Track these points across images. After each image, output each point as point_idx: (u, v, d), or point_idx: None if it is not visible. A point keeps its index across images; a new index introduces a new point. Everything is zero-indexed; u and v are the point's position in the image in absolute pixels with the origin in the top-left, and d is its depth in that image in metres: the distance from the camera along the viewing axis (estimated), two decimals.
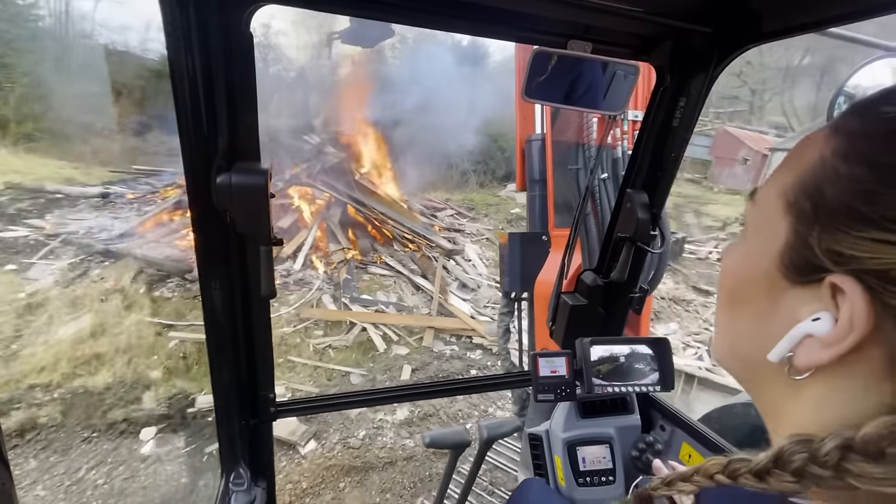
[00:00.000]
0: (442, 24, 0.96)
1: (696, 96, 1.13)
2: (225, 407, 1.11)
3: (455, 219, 9.90)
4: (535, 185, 2.58)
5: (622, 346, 1.35)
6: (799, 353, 0.35)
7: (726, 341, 0.44)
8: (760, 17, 0.95)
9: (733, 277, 0.43)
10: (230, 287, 0.99)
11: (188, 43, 0.75)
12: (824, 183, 0.33)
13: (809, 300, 0.35)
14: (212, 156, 0.85)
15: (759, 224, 0.40)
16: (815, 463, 0.31)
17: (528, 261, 2.58)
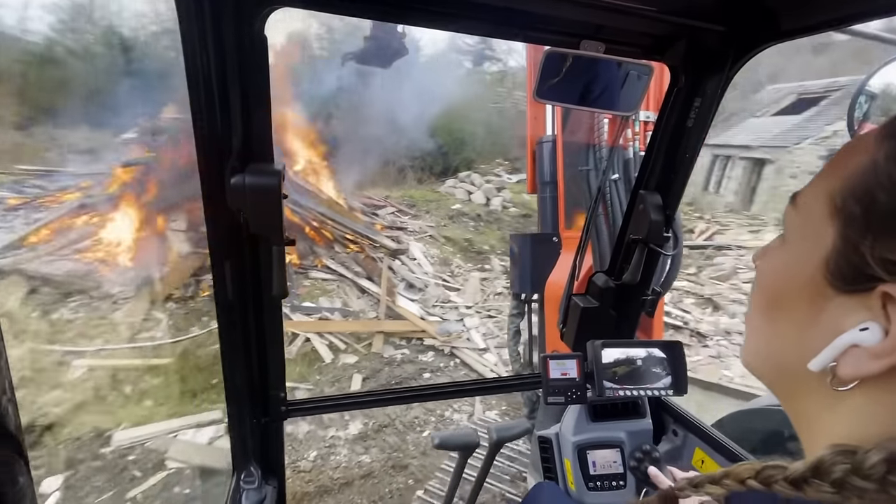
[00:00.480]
0: (454, 25, 0.95)
1: (712, 96, 1.12)
2: (237, 406, 1.12)
3: (396, 216, 9.62)
4: (545, 187, 2.57)
5: (634, 349, 1.34)
6: (843, 364, 0.34)
7: (761, 348, 0.43)
8: (778, 16, 0.93)
9: (772, 282, 0.41)
10: (243, 287, 1.00)
11: (203, 45, 0.76)
12: (877, 188, 0.32)
13: (856, 309, 0.33)
14: (226, 156, 0.86)
15: (801, 229, 0.39)
16: (858, 475, 0.30)
17: (539, 262, 2.57)
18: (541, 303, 2.67)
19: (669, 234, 1.29)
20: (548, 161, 2.51)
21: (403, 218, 9.70)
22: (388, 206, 10.04)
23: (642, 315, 1.51)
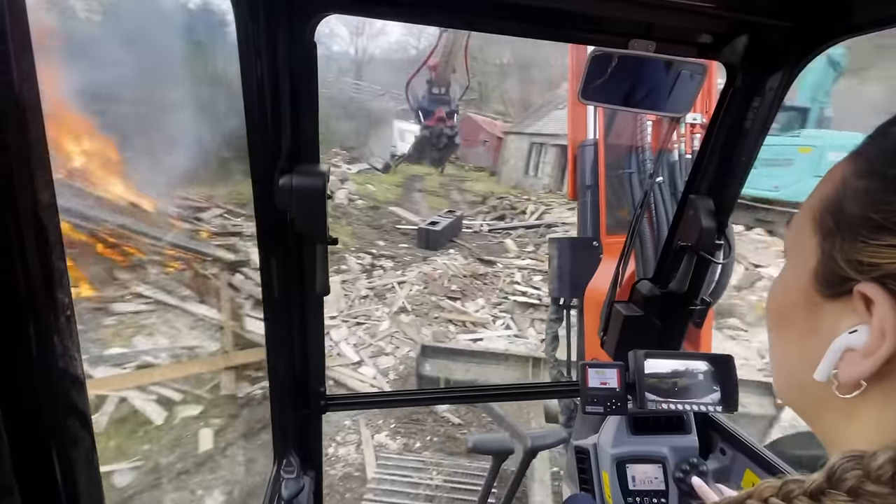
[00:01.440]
0: (501, 27, 0.95)
1: (773, 96, 1.05)
2: (279, 397, 1.17)
3: (226, 219, 8.04)
4: (586, 191, 2.52)
5: (680, 360, 1.28)
6: (842, 368, 0.35)
7: (781, 371, 0.44)
8: (851, 8, 0.86)
9: (776, 302, 0.44)
10: (288, 283, 1.04)
11: (258, 52, 0.80)
12: (844, 200, 0.36)
13: (846, 313, 0.35)
14: (275, 158, 0.90)
15: (793, 247, 0.42)
16: (870, 479, 0.30)
17: (578, 267, 2.53)
18: (580, 309, 2.61)
19: (721, 242, 1.22)
20: (589, 165, 2.46)
21: (236, 220, 8.04)
22: (214, 207, 8.35)
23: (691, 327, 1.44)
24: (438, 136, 6.30)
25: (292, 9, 0.81)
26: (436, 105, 6.19)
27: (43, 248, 0.41)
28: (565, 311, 2.79)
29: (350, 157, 16.13)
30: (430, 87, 6.25)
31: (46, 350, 0.43)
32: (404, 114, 26.63)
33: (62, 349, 0.45)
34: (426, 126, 6.27)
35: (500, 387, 1.52)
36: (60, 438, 0.47)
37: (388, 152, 19.35)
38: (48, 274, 0.42)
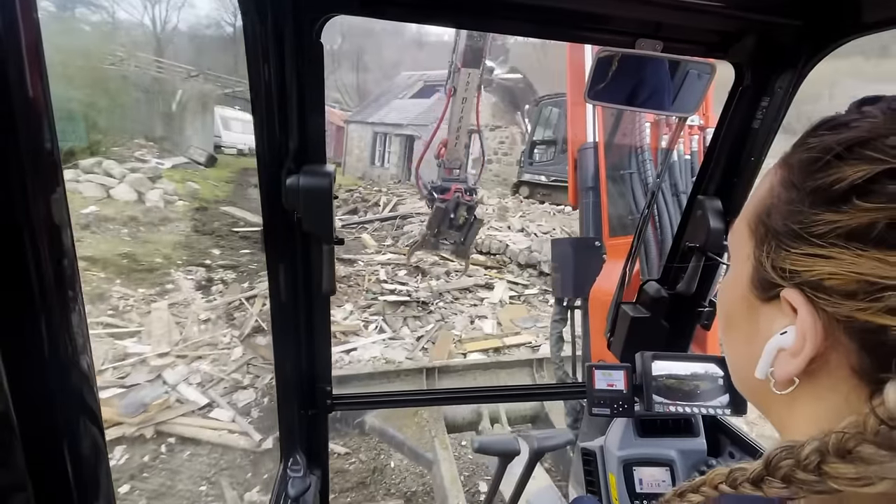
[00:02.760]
0: (506, 27, 0.95)
1: (782, 96, 1.04)
2: (285, 396, 1.17)
3: None
4: (587, 193, 2.51)
5: (688, 363, 1.27)
6: (777, 367, 0.37)
7: (733, 367, 0.47)
8: (860, 7, 0.85)
9: (723, 304, 0.46)
10: (295, 283, 1.05)
11: (265, 54, 0.81)
12: (772, 208, 0.38)
13: (777, 316, 0.37)
14: (283, 158, 0.90)
15: (734, 252, 0.44)
16: (800, 468, 0.32)
17: (580, 267, 2.52)
18: (585, 310, 2.59)
19: None
20: (590, 167, 2.45)
21: None
22: None
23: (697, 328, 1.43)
24: (456, 208, 5.62)
25: (299, 10, 0.82)
26: (451, 184, 5.60)
27: (53, 247, 0.42)
28: (569, 312, 2.78)
29: (161, 150, 13.52)
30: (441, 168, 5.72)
31: (58, 349, 0.44)
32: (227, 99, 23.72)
33: (73, 348, 0.46)
34: (442, 200, 5.60)
35: (506, 388, 1.52)
36: (72, 436, 0.48)
37: (212, 143, 17.01)
38: (59, 272, 0.43)
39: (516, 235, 9.16)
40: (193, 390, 4.25)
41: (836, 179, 0.33)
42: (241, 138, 20.78)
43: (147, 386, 4.20)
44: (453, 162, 5.63)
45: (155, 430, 3.73)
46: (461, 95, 5.29)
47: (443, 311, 6.46)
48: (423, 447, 2.97)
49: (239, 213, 10.39)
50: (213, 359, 4.78)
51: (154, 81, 15.49)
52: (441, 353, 5.29)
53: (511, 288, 7.40)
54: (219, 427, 3.87)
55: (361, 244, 9.19)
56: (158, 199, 9.56)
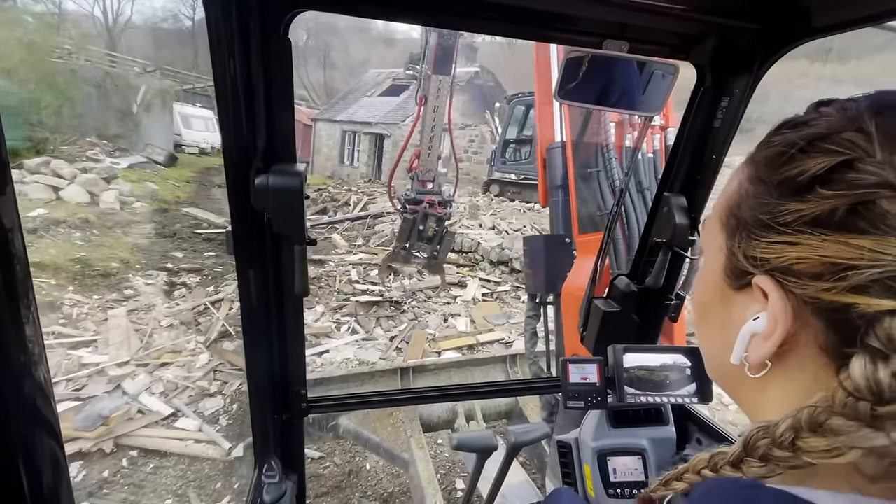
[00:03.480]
0: (476, 26, 0.96)
1: (740, 96, 1.09)
2: (259, 401, 1.14)
3: None
4: (557, 191, 2.55)
5: (657, 354, 1.31)
6: (750, 352, 0.40)
7: (707, 355, 0.49)
8: (810, 12, 0.90)
9: (698, 294, 0.48)
10: (266, 285, 1.02)
11: (230, 50, 0.78)
12: (741, 202, 0.41)
13: (750, 303, 0.40)
14: (251, 158, 0.88)
15: (706, 246, 0.46)
16: (776, 446, 0.34)
17: (553, 263, 2.55)
18: (557, 307, 2.64)
19: (695, 238, 1.26)
20: (558, 166, 2.49)
21: None
22: None
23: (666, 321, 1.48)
24: (424, 219, 5.34)
25: (265, 5, 0.80)
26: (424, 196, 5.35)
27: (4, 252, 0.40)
28: (542, 308, 2.82)
29: (115, 149, 12.95)
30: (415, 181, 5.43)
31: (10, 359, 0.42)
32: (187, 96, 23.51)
33: (27, 358, 0.43)
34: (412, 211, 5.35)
35: (482, 385, 1.53)
36: (27, 450, 0.45)
37: (171, 141, 16.39)
38: (10, 278, 0.40)
39: (487, 233, 9.24)
40: (156, 400, 4.09)
41: (799, 171, 0.36)
42: (203, 136, 20.02)
43: (105, 398, 4.00)
44: (426, 174, 5.47)
45: (115, 444, 3.56)
46: (433, 104, 5.18)
47: (416, 310, 6.44)
48: (399, 448, 2.95)
49: (202, 215, 10.06)
50: (177, 366, 4.59)
51: (106, 76, 14.67)
52: (415, 352, 5.25)
53: (483, 285, 7.46)
54: (185, 437, 3.72)
55: (332, 244, 9.05)
56: (114, 200, 9.09)
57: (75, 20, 18.59)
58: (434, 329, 5.92)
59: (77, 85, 12.49)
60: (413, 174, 5.56)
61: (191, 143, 19.42)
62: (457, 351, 5.45)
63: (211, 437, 3.74)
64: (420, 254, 5.60)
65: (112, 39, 28.56)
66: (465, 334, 5.87)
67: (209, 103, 24.66)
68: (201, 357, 4.77)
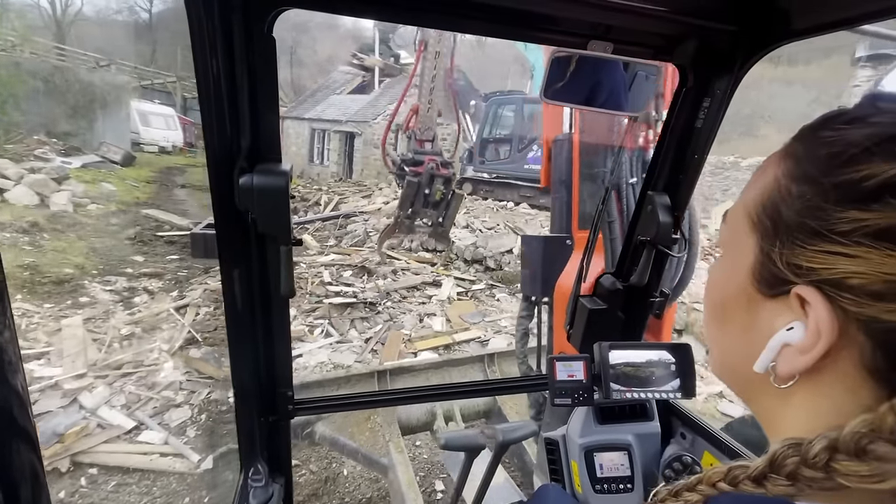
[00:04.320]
0: (461, 25, 0.96)
1: (721, 97, 1.11)
2: (244, 403, 1.13)
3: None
4: (560, 186, 2.53)
5: (642, 351, 1.33)
6: (780, 362, 0.37)
7: (719, 356, 0.47)
8: (790, 15, 0.92)
9: (715, 293, 0.45)
10: (251, 286, 1.01)
11: (213, 48, 0.77)
12: (779, 202, 0.37)
13: (783, 311, 0.37)
14: (235, 157, 0.87)
15: (730, 242, 0.43)
16: (807, 465, 0.32)
17: (550, 265, 2.51)
18: (550, 305, 2.64)
19: (678, 236, 1.28)
20: (563, 160, 2.45)
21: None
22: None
23: (651, 318, 1.50)
24: (430, 181, 4.63)
25: (248, 3, 0.78)
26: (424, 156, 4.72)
27: None
28: (536, 308, 2.81)
29: (67, 148, 12.39)
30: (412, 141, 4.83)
31: None
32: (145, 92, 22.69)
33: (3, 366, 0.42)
34: (414, 173, 4.64)
35: (470, 384, 1.54)
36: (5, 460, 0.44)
37: (128, 139, 15.78)
38: None
39: (461, 232, 9.10)
40: (117, 413, 3.84)
41: (864, 176, 0.32)
42: (163, 135, 19.32)
43: (60, 413, 3.74)
44: (425, 132, 4.83)
45: (72, 462, 3.34)
46: (433, 49, 4.56)
47: (391, 310, 6.32)
48: (378, 452, 2.88)
49: (164, 216, 9.57)
50: (139, 377, 4.35)
51: (55, 70, 13.90)
52: (391, 353, 5.17)
53: (458, 284, 7.36)
54: (149, 451, 3.51)
55: (303, 245, 8.78)
56: (66, 202, 8.63)
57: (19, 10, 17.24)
58: (410, 329, 5.84)
59: (22, 79, 11.86)
60: (410, 133, 5.00)
61: (150, 141, 18.68)
62: (433, 351, 5.37)
63: (178, 450, 3.54)
64: (424, 221, 5.18)
65: (61, 31, 27.10)
66: (441, 334, 5.79)
67: (169, 100, 23.81)
68: (166, 366, 4.52)
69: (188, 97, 25.59)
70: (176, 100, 24.94)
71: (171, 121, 20.20)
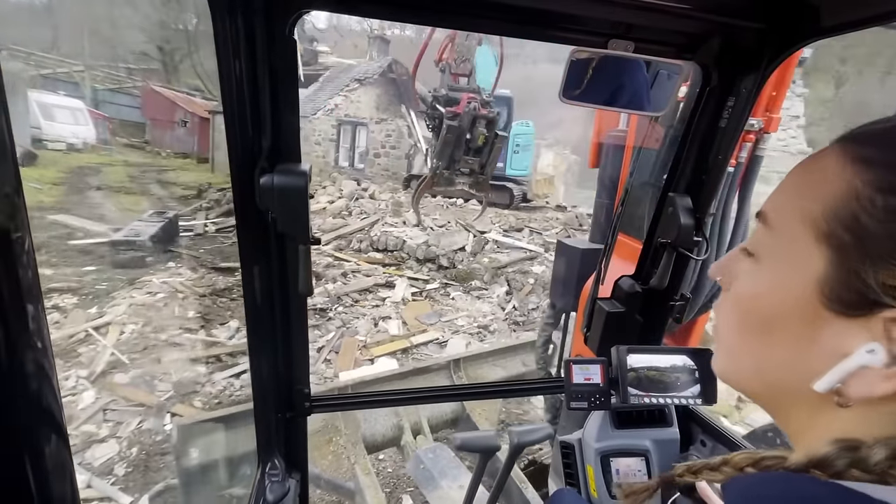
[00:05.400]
0: (480, 26, 0.96)
1: (747, 96, 1.08)
2: (262, 399, 1.15)
3: None
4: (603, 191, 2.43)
5: (661, 355, 1.30)
6: (854, 384, 0.34)
7: (754, 366, 0.43)
8: (819, 12, 0.89)
9: (760, 304, 0.41)
10: (270, 284, 1.03)
11: (236, 49, 0.79)
12: (863, 215, 0.33)
13: (858, 331, 0.34)
14: (256, 157, 0.89)
15: (783, 251, 0.39)
16: (859, 468, 0.31)
17: (583, 278, 2.34)
18: (576, 308, 2.56)
19: (700, 238, 1.25)
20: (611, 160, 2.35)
21: None
22: None
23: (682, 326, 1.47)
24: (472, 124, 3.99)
25: (270, 5, 0.80)
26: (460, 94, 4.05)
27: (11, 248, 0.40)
28: (563, 316, 2.70)
29: None
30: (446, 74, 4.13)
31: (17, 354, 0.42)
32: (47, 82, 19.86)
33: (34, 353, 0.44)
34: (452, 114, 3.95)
35: (486, 384, 1.53)
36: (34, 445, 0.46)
37: (28, 135, 14.32)
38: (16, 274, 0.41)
39: (412, 230, 9.01)
40: None
41: None
42: (71, 130, 16.94)
43: None
44: (462, 65, 4.11)
45: None
46: None
47: (343, 316, 6.07)
48: (343, 476, 2.67)
49: (76, 223, 8.55)
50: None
51: None
52: (346, 362, 4.93)
53: (412, 284, 7.24)
54: None
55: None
56: None
57: None
58: (365, 335, 5.60)
59: None
60: (443, 66, 4.29)
61: (55, 137, 16.28)
62: (391, 356, 5.11)
63: (104, 493, 3.10)
64: (464, 171, 4.41)
65: None
66: (398, 337, 5.59)
67: (77, 91, 21.18)
68: (85, 396, 3.97)
69: (100, 88, 23.08)
70: (85, 91, 21.96)
71: (81, 115, 17.75)
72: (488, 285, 7.43)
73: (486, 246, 8.52)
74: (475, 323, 6.28)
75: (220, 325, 5.39)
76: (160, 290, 5.89)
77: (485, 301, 6.92)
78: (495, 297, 7.07)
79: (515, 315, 6.62)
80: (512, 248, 8.63)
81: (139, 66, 25.02)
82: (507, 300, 7.02)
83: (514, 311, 6.72)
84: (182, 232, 8.52)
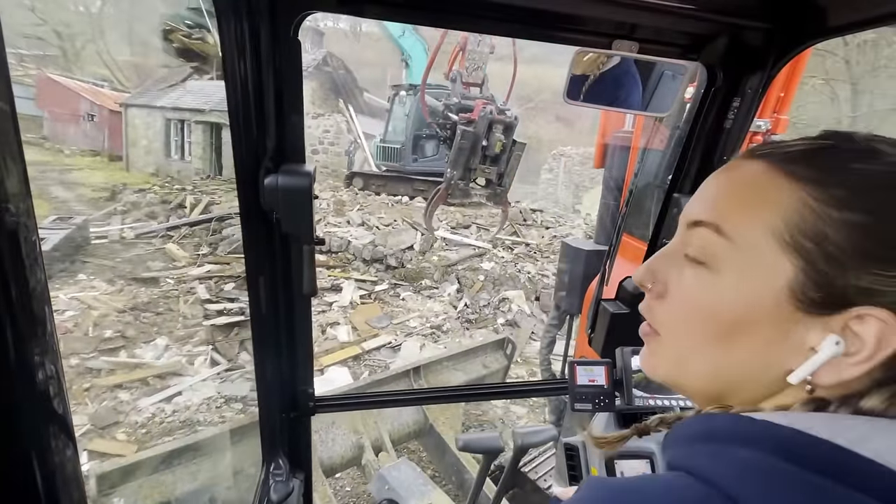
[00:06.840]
0: (484, 26, 0.96)
1: (752, 96, 1.07)
2: (266, 399, 1.16)
3: None
4: (608, 193, 2.44)
5: None
6: (823, 373, 0.39)
7: (706, 370, 0.46)
8: (825, 11, 0.88)
9: (718, 312, 0.43)
10: (274, 284, 1.03)
11: (241, 50, 0.80)
12: (825, 227, 0.37)
13: (822, 327, 0.38)
14: (260, 158, 0.89)
15: (746, 261, 0.41)
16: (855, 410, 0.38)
17: (588, 280, 2.36)
18: (581, 310, 2.55)
19: None
20: (617, 161, 2.35)
21: None
22: None
23: None
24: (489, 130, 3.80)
25: (275, 7, 0.81)
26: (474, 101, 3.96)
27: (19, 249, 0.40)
28: (568, 318, 2.71)
29: None
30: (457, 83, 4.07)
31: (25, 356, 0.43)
32: None
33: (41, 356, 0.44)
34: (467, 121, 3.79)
35: (490, 385, 1.53)
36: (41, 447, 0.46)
37: None
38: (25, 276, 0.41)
39: (357, 230, 8.60)
40: None
41: None
42: None
43: None
44: (473, 73, 4.05)
45: None
46: None
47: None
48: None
49: None
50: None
51: None
52: None
53: (360, 287, 6.92)
54: None
55: (167, 256, 7.36)
56: None
57: None
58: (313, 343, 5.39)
59: None
60: (454, 75, 4.24)
61: None
62: (342, 364, 4.79)
63: None
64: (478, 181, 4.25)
65: None
66: (348, 344, 5.26)
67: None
68: None
69: None
70: None
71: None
72: (439, 284, 7.23)
73: (434, 244, 8.20)
74: (428, 323, 6.05)
75: (144, 343, 4.83)
76: (67, 308, 5.23)
77: (436, 300, 6.76)
78: (446, 295, 6.89)
79: (467, 313, 6.45)
80: (460, 245, 8.34)
81: (31, 53, 21.72)
82: (458, 298, 6.84)
83: (466, 309, 6.52)
84: (94, 239, 7.73)
